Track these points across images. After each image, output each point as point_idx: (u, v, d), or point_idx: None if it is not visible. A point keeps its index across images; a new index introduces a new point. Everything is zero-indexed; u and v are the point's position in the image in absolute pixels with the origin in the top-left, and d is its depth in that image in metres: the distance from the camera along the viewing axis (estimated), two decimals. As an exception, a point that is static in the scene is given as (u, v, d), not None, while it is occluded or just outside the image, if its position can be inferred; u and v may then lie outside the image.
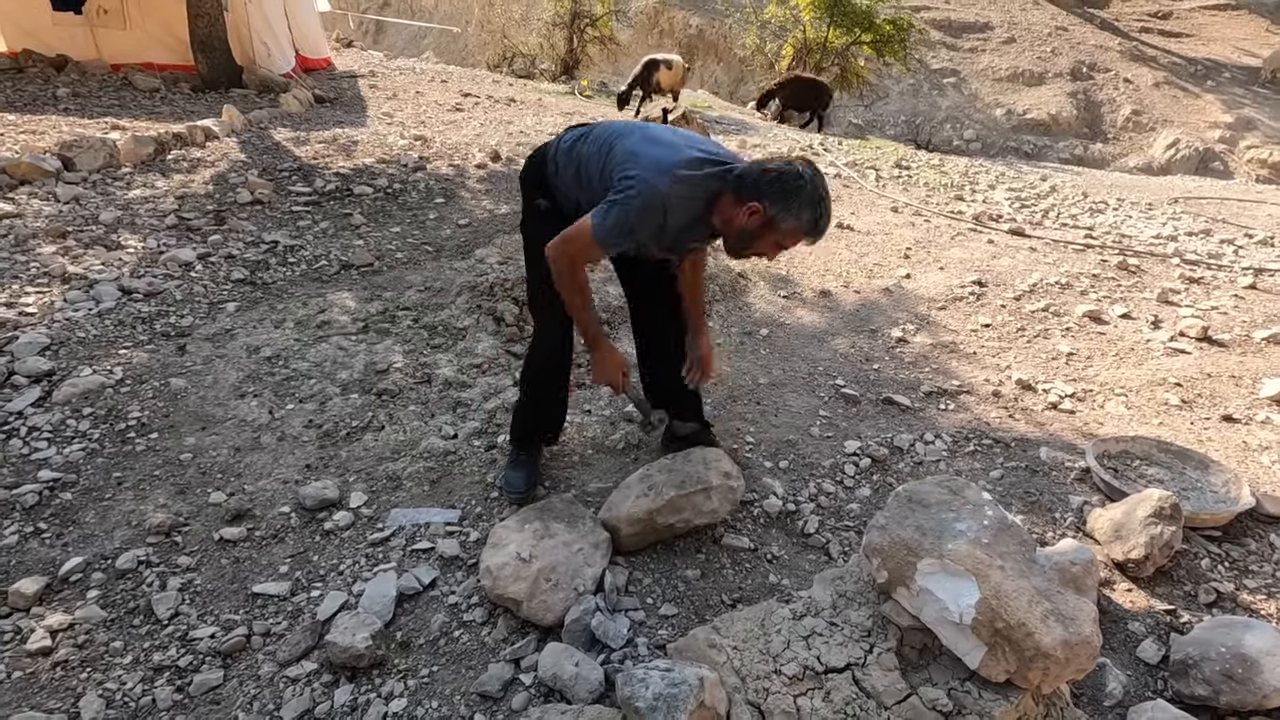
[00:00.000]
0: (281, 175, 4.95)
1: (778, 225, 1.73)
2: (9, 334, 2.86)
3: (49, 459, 2.30)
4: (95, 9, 7.38)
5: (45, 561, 1.94)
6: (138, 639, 1.75)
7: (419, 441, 2.53)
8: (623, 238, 1.77)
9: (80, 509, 2.14)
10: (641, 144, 1.80)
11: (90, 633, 1.75)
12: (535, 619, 1.82)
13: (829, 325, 3.56)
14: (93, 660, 1.68)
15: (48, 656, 1.68)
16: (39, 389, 2.60)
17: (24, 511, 2.10)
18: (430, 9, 19.18)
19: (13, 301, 3.10)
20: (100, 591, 1.87)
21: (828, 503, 2.36)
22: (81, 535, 2.05)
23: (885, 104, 15.93)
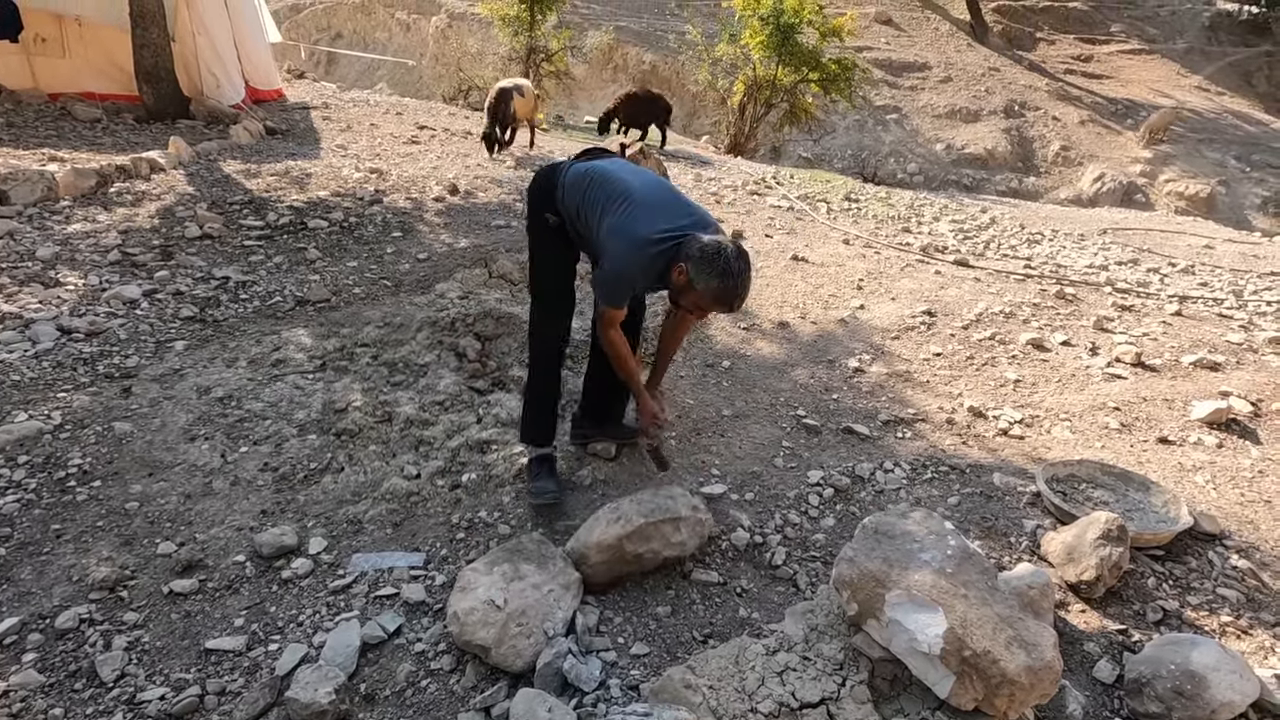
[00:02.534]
0: (232, 208, 4.84)
1: (694, 286, 2.05)
2: (-65, 378, 2.70)
3: (-20, 512, 2.16)
4: (33, 36, 7.15)
5: (-24, 624, 1.82)
6: (80, 704, 1.65)
7: (380, 483, 2.47)
8: (620, 298, 2.21)
9: (15, 565, 2.01)
10: (622, 220, 2.13)
11: (26, 700, 1.64)
12: (505, 665, 1.78)
13: (788, 356, 3.63)
14: (30, 730, 1.58)
15: (-21, 728, 1.57)
16: (-31, 436, 2.45)
17: (-48, 570, 1.97)
18: (384, 41, 19.17)
19: (-60, 343, 2.94)
20: (38, 654, 1.76)
21: (794, 534, 2.38)
22: (16, 594, 1.93)
23: (832, 138, 16.53)
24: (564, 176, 2.30)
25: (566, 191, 2.28)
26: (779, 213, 6.58)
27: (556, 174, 2.33)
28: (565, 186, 2.28)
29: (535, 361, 2.48)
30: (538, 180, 2.38)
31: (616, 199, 2.17)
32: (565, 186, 2.28)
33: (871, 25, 19.64)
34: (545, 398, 2.49)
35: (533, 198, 2.39)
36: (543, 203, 2.34)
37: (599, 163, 2.33)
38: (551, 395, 2.52)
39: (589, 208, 2.22)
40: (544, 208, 2.34)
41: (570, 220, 2.30)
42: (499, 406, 2.95)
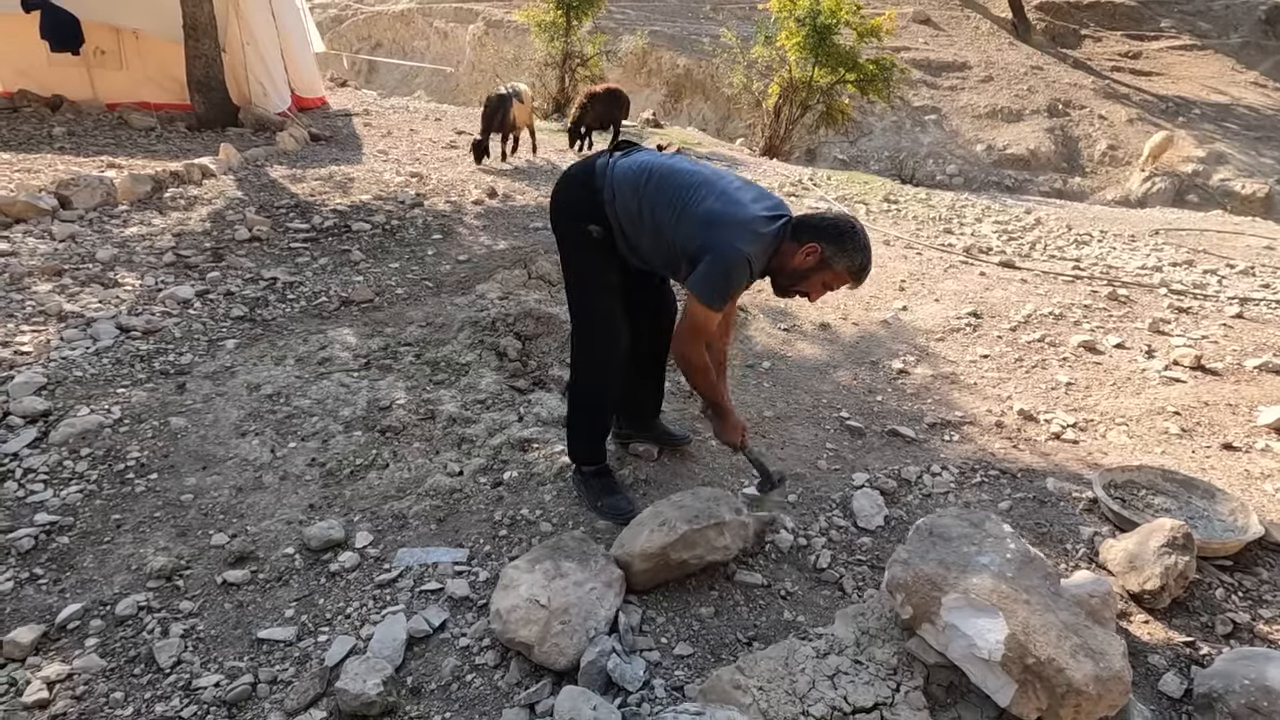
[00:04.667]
0: (279, 212, 4.96)
1: (831, 265, 1.97)
2: (4, 373, 2.82)
3: (46, 501, 2.24)
4: (93, 49, 7.45)
5: (42, 609, 1.88)
6: (139, 689, 1.69)
7: (424, 479, 2.49)
8: (729, 294, 2.03)
9: (78, 553, 2.08)
10: (719, 204, 1.97)
11: (89, 683, 1.69)
12: (548, 663, 1.77)
13: (830, 358, 3.58)
14: (92, 712, 1.62)
15: (45, 709, 1.62)
16: (35, 430, 2.55)
17: (20, 556, 2.04)
18: (422, 50, 19.53)
19: (8, 340, 3.06)
20: (99, 639, 1.81)
21: (839, 537, 2.34)
22: (79, 581, 1.99)
23: (869, 140, 16.32)
24: (610, 178, 2.06)
25: (619, 194, 2.05)
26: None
27: (597, 177, 2.08)
28: (616, 188, 2.06)
29: (588, 392, 2.32)
30: (571, 188, 2.15)
31: (696, 188, 1.99)
32: (616, 188, 2.06)
33: (910, 25, 19.35)
34: (601, 425, 2.39)
35: (568, 208, 2.15)
36: (584, 212, 2.10)
37: (647, 155, 2.13)
38: (607, 421, 2.43)
39: (656, 205, 2.01)
40: (586, 218, 2.10)
41: (625, 225, 2.08)
42: (540, 405, 2.96)
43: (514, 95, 6.90)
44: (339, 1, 21.60)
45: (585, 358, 2.34)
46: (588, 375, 2.35)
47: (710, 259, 1.94)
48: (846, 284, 2.05)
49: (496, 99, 6.88)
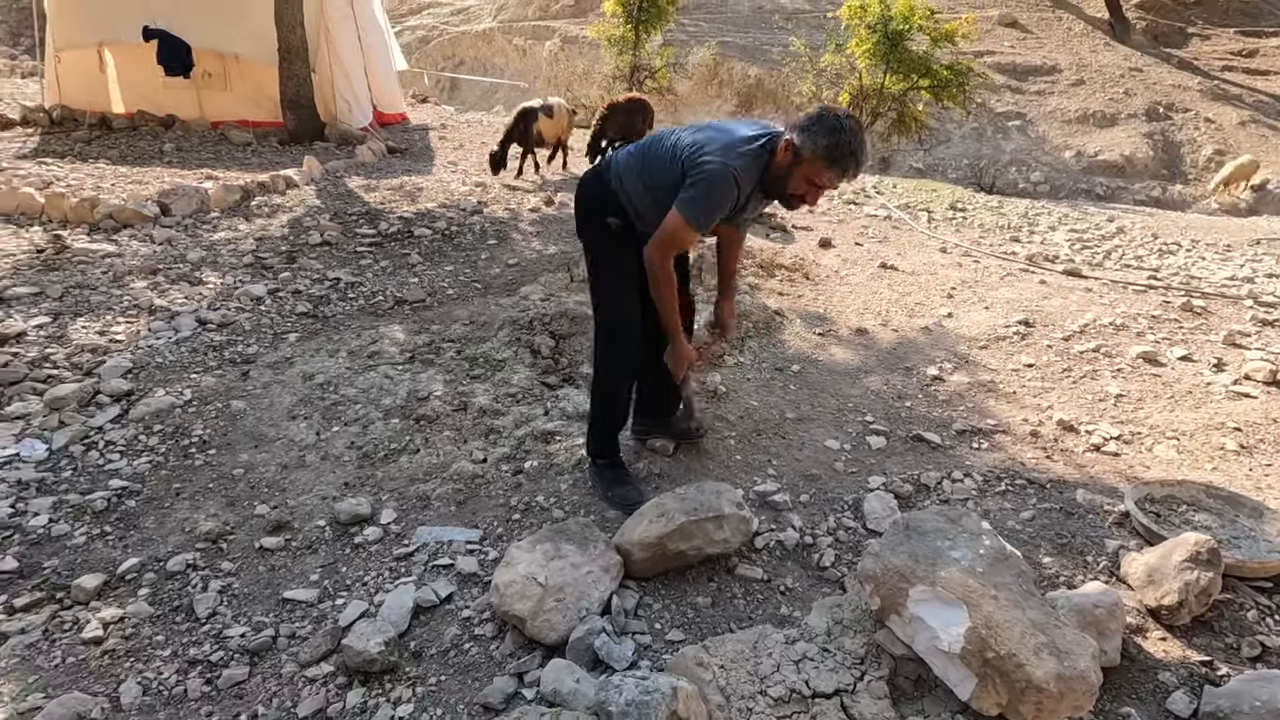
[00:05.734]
0: (350, 219, 5.33)
1: (802, 156, 1.92)
2: (99, 359, 3.18)
3: (120, 469, 2.53)
4: (201, 73, 8.21)
5: (106, 561, 2.13)
6: (178, 634, 1.89)
7: (450, 464, 2.65)
8: (712, 215, 2.05)
9: (141, 515, 2.34)
10: (705, 133, 2.08)
11: (137, 626, 1.91)
12: (539, 637, 1.87)
13: (863, 363, 3.54)
14: (136, 651, 1.83)
15: (98, 645, 1.84)
16: (118, 407, 2.87)
17: (93, 515, 2.31)
18: (502, 66, 20.33)
19: (105, 330, 3.45)
20: (150, 590, 2.03)
21: (847, 538, 2.33)
22: (140, 539, 2.24)
23: (946, 148, 15.77)
24: (614, 169, 2.24)
25: (624, 177, 2.20)
26: (874, 222, 6.40)
27: (604, 172, 2.28)
28: (621, 174, 2.21)
29: (607, 387, 2.43)
30: (585, 189, 2.32)
31: (687, 140, 2.08)
32: (621, 174, 2.21)
33: (994, 28, 18.62)
34: (618, 419, 2.51)
35: (586, 207, 2.31)
36: (600, 207, 2.26)
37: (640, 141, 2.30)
38: (623, 416, 2.53)
39: (657, 171, 2.12)
40: (603, 212, 2.26)
41: (637, 205, 2.21)
42: (566, 400, 3.08)
43: (542, 110, 6.81)
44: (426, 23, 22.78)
45: (605, 353, 2.43)
46: (607, 371, 2.44)
47: (695, 176, 2.00)
48: (829, 175, 1.93)
49: (520, 112, 6.87)
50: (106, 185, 5.83)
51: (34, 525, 2.23)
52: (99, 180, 5.98)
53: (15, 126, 7.76)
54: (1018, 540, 2.26)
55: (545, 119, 6.78)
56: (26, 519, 2.26)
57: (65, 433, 2.68)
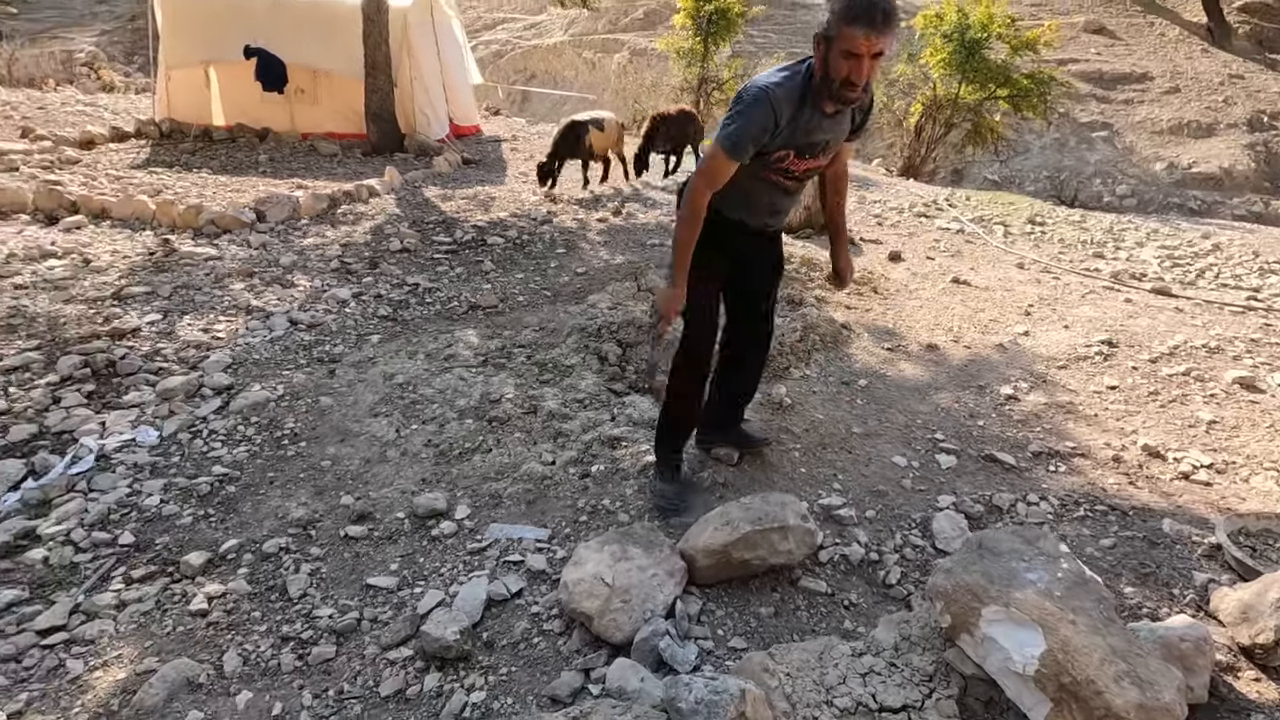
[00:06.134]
0: (428, 227, 5.57)
1: (830, 35, 1.84)
2: (203, 354, 3.44)
3: (221, 457, 2.73)
4: (294, 89, 8.73)
5: (210, 541, 2.31)
6: (272, 612, 2.04)
7: (520, 465, 2.74)
8: (745, 136, 1.98)
9: (240, 500, 2.52)
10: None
11: (237, 602, 2.06)
12: (605, 635, 1.92)
13: (933, 379, 3.47)
14: (237, 625, 1.98)
15: (204, 617, 2.00)
16: (220, 399, 3.09)
17: (199, 498, 2.51)
18: (571, 79, 20.78)
19: (208, 328, 3.72)
20: (248, 570, 2.19)
21: (914, 555, 2.30)
22: (239, 522, 2.41)
23: (1025, 159, 15.21)
24: None
25: None
26: (946, 235, 6.24)
27: None
28: None
29: (687, 388, 2.47)
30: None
31: None
32: None
33: (1079, 35, 17.86)
34: (689, 425, 2.55)
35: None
36: None
37: None
38: (692, 423, 2.57)
39: None
40: None
41: None
42: (632, 407, 3.14)
43: (592, 124, 6.77)
44: (500, 38, 23.51)
45: (682, 356, 2.45)
46: (682, 374, 2.46)
47: (734, 108, 1.99)
48: (858, 37, 1.80)
49: (568, 125, 6.81)
50: (208, 193, 6.27)
51: (148, 505, 2.44)
52: (202, 188, 6.44)
53: (130, 139, 8.43)
54: (1097, 568, 2.18)
55: (596, 132, 6.78)
56: (141, 498, 2.47)
57: (174, 421, 2.91)
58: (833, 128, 2.09)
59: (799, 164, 2.13)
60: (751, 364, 2.65)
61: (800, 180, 2.23)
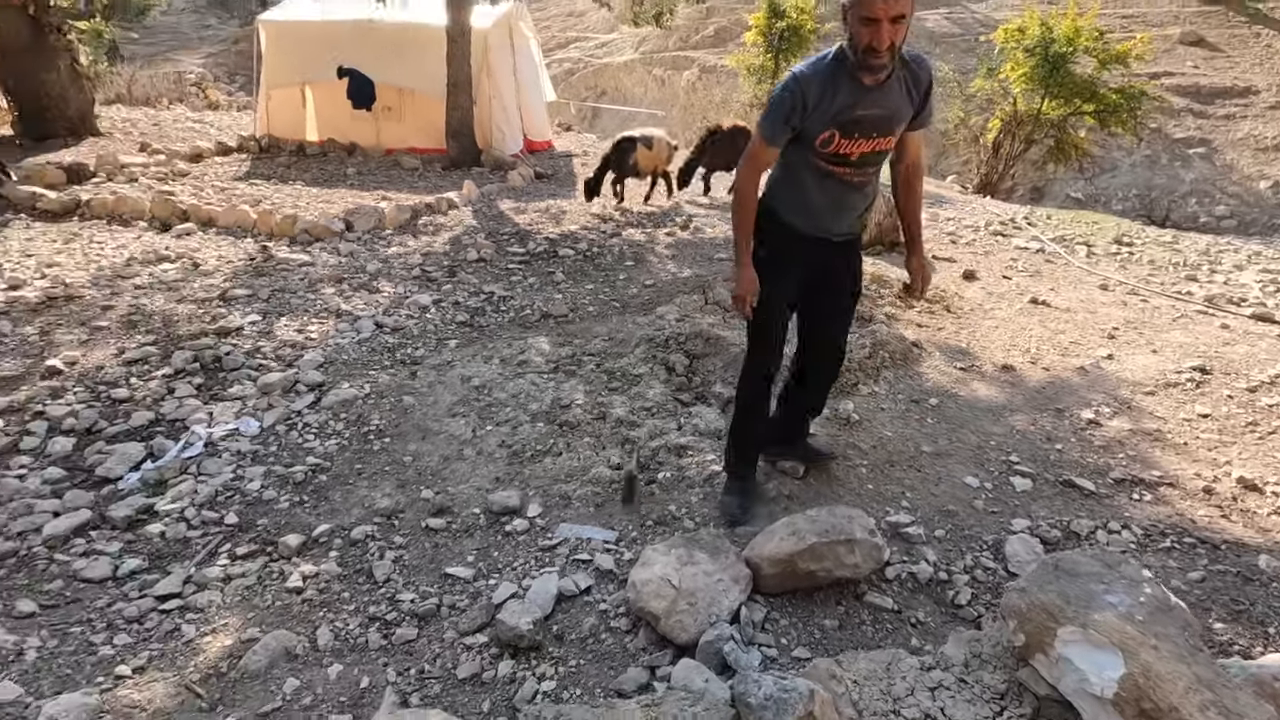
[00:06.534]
0: (502, 238, 5.79)
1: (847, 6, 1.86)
2: (298, 353, 3.69)
3: (314, 448, 2.93)
4: (381, 107, 9.23)
5: (304, 525, 2.48)
6: (360, 593, 2.18)
7: (589, 469, 2.83)
8: (777, 118, 2.04)
9: (330, 489, 2.70)
10: None
11: (329, 583, 2.21)
12: (671, 636, 1.97)
13: (1008, 401, 3.38)
14: (328, 603, 2.13)
15: (299, 594, 2.16)
16: (312, 395, 3.31)
17: (294, 485, 2.70)
18: (641, 96, 21.11)
19: (302, 329, 3.99)
20: (338, 553, 2.35)
21: (985, 577, 2.26)
22: (329, 509, 2.59)
23: (1112, 177, 14.54)
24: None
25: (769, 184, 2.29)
26: (1024, 254, 6.05)
27: None
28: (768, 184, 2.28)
29: (748, 401, 2.50)
30: None
31: None
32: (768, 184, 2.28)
33: (1175, 48, 16.99)
34: (753, 440, 2.57)
35: None
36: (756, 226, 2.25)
37: None
38: (759, 436, 2.58)
39: None
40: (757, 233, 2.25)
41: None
42: (699, 417, 3.19)
43: (641, 141, 6.69)
44: (573, 56, 24.13)
45: (745, 369, 2.51)
46: (746, 392, 2.51)
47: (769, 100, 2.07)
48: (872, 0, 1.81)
49: (619, 141, 6.80)
50: (302, 204, 6.70)
51: (250, 489, 2.65)
52: (296, 199, 6.88)
53: (232, 153, 9.09)
54: (1184, 602, 2.09)
55: (644, 150, 6.70)
56: (244, 483, 2.68)
57: (272, 414, 3.14)
58: (879, 103, 2.01)
59: (847, 145, 2.06)
60: (820, 382, 2.64)
61: (856, 168, 2.12)
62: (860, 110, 2.01)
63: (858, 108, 2.00)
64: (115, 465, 2.73)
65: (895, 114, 2.05)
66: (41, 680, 1.83)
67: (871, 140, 2.07)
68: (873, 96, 1.99)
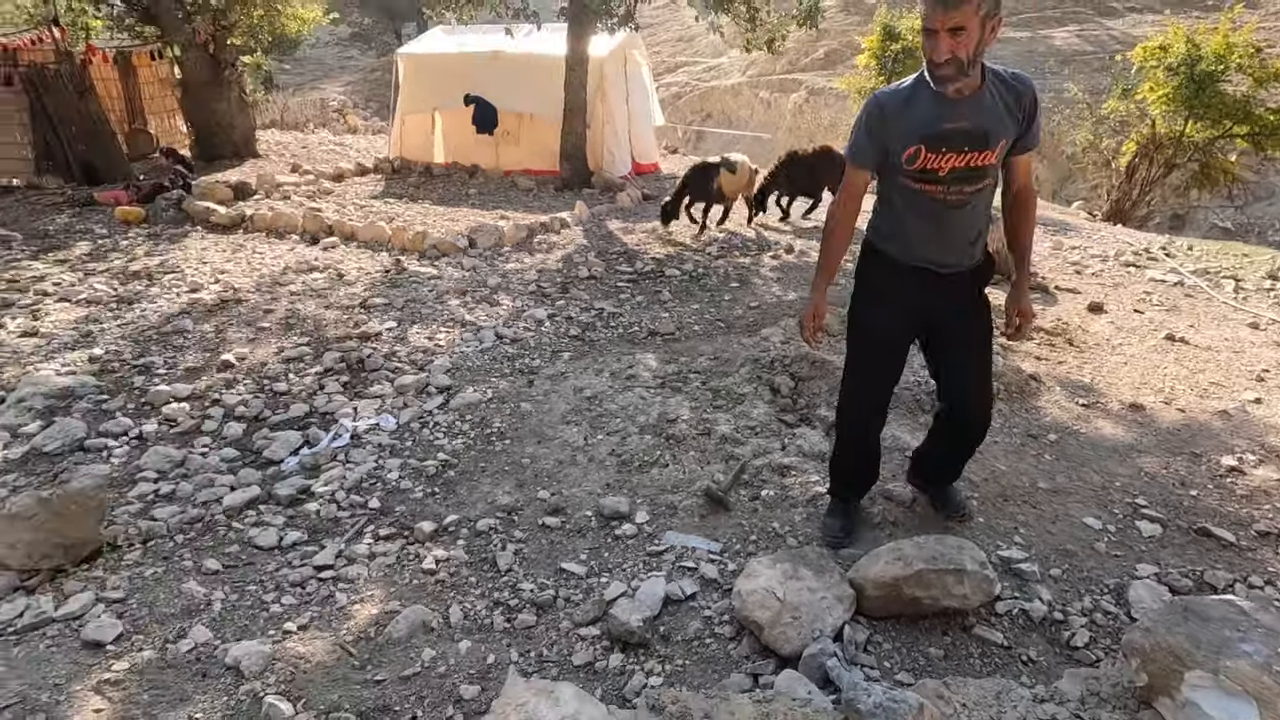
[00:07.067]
0: (611, 257, 6.04)
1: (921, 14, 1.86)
2: (428, 358, 4.03)
3: (443, 446, 3.20)
4: (502, 131, 9.84)
5: (435, 514, 2.73)
6: (485, 580, 2.38)
7: (694, 482, 2.94)
8: (861, 142, 2.07)
9: (457, 484, 2.95)
10: None
11: (458, 568, 2.43)
12: (774, 646, 2.04)
13: (1136, 441, 3.21)
14: (458, 585, 2.35)
15: (432, 575, 2.39)
16: (441, 398, 3.62)
17: (426, 478, 2.97)
18: (746, 119, 21.25)
19: (431, 336, 4.35)
20: (465, 542, 2.57)
21: (1105, 621, 2.18)
22: (457, 502, 2.83)
23: (1268, 204, 13.24)
24: None
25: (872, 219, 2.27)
26: (1160, 287, 5.67)
27: None
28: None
29: (841, 433, 2.46)
30: None
31: None
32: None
33: (1349, 63, 15.28)
34: (850, 469, 2.53)
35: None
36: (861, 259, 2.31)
37: None
38: (857, 469, 2.53)
39: None
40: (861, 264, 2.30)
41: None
42: (803, 439, 3.23)
43: (723, 165, 6.60)
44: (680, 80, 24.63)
45: (840, 397, 2.49)
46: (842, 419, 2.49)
47: None
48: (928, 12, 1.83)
49: (698, 166, 6.73)
50: (429, 221, 7.25)
51: (389, 478, 2.94)
52: (424, 217, 7.46)
53: (369, 173, 9.95)
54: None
55: (727, 174, 6.58)
56: (384, 473, 2.98)
57: (407, 412, 3.46)
58: (968, 116, 1.93)
59: (935, 159, 1.98)
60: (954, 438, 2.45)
61: (947, 185, 2.02)
62: (947, 123, 1.95)
63: (943, 120, 1.95)
64: (278, 449, 3.11)
65: (989, 129, 1.96)
66: (225, 628, 2.14)
67: (962, 154, 1.98)
68: (960, 109, 1.94)
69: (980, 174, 2.03)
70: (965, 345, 2.28)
